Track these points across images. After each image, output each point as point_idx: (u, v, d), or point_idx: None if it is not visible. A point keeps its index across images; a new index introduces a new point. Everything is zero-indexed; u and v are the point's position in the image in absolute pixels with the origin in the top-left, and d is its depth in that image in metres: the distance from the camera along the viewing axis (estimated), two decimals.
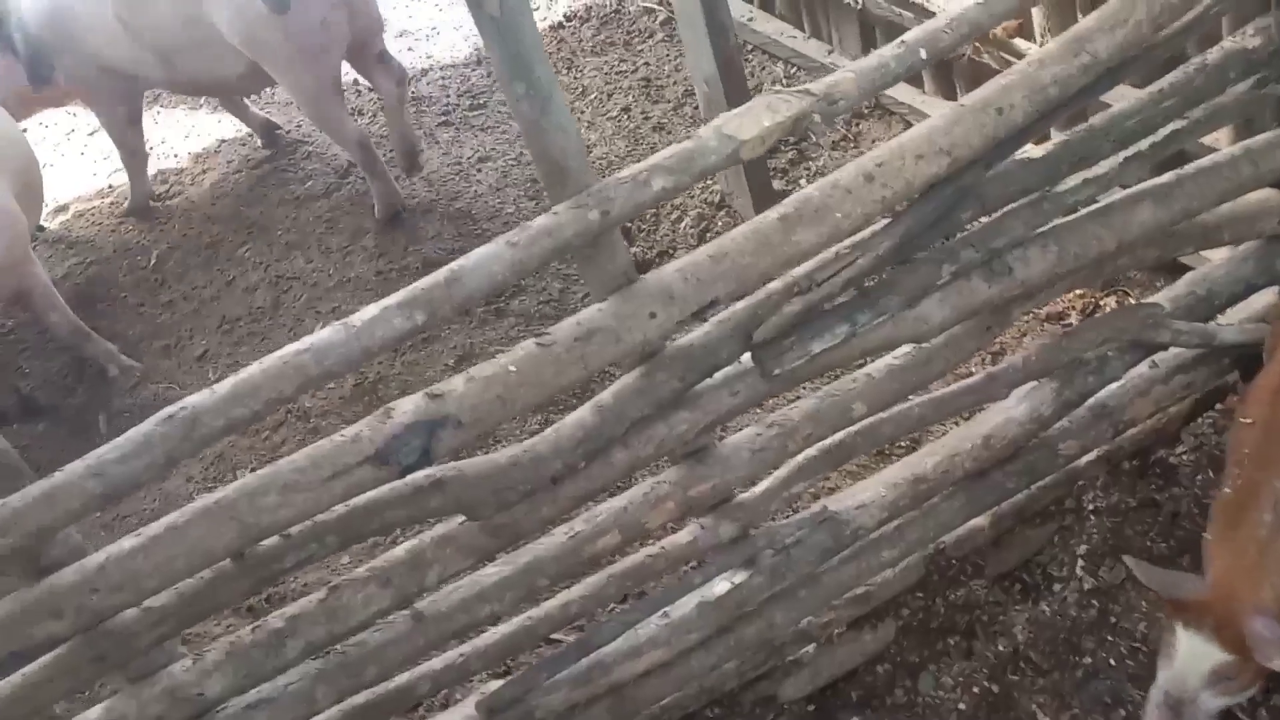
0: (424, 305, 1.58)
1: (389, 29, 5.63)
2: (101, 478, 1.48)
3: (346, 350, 1.56)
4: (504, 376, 1.66)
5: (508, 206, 4.11)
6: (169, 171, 4.99)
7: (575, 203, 1.64)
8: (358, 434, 1.61)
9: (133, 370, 3.85)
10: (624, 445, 1.85)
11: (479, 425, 1.65)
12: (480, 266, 1.60)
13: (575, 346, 1.68)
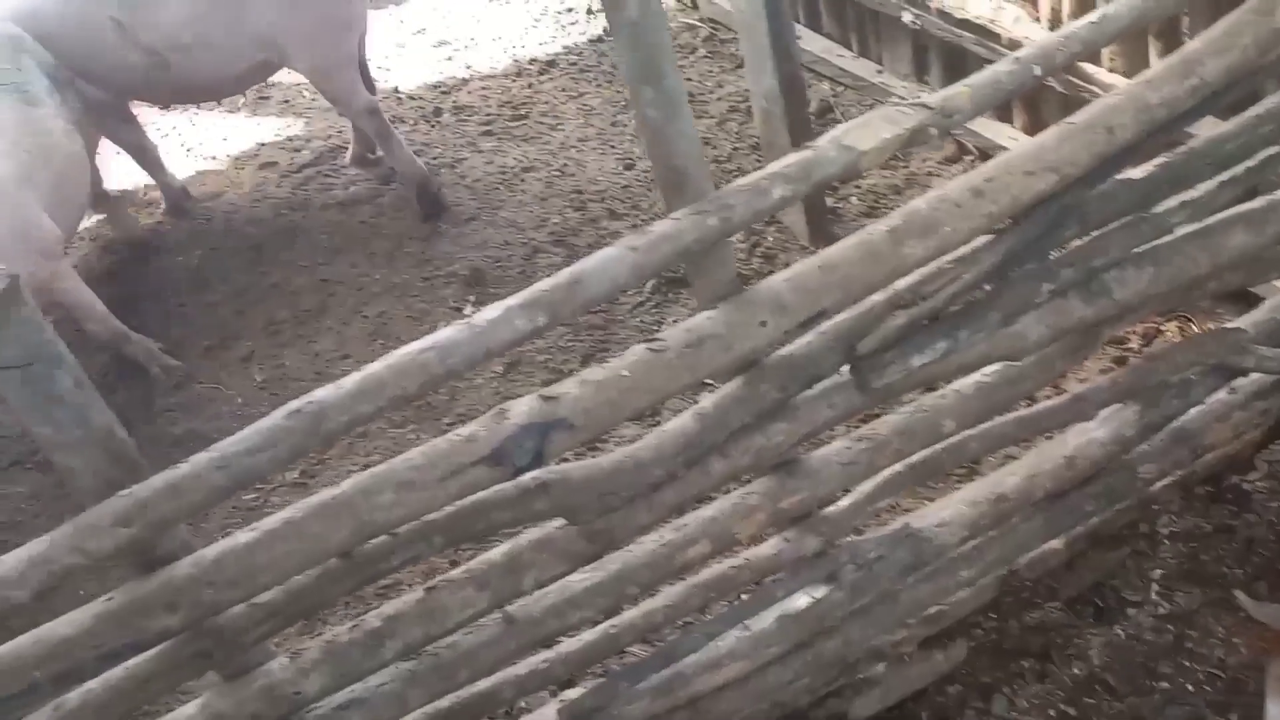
0: (546, 307, 1.58)
1: (427, 38, 5.68)
2: (227, 470, 1.47)
3: (470, 350, 1.55)
4: (616, 381, 1.65)
5: (553, 216, 4.12)
6: (208, 173, 4.99)
7: (696, 209, 1.64)
8: (473, 434, 1.60)
9: (175, 370, 3.83)
10: (722, 454, 1.84)
11: (590, 429, 1.64)
12: (602, 270, 1.60)
13: (686, 353, 1.68)
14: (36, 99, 3.50)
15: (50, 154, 3.47)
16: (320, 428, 1.50)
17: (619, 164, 4.34)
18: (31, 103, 3.47)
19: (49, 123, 3.50)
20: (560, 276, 1.61)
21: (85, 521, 1.43)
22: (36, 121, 3.46)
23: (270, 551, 1.54)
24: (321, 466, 3.37)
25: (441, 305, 3.81)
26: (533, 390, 3.43)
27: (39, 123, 3.47)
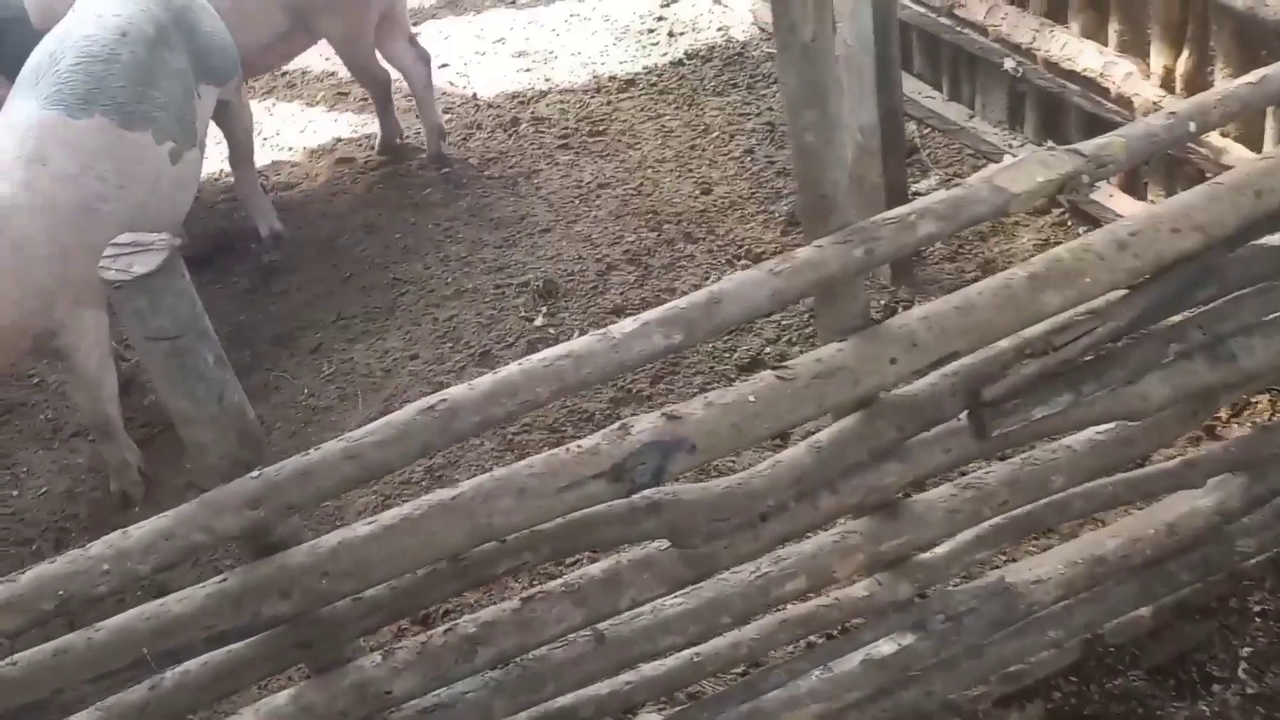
0: (683, 325, 1.56)
1: (506, 48, 5.71)
2: (357, 460, 1.46)
3: (605, 362, 1.53)
4: (742, 405, 1.63)
5: (628, 235, 4.10)
6: (284, 164, 5.01)
7: (841, 238, 1.62)
8: (596, 446, 1.58)
9: (131, 495, 3.38)
10: (832, 490, 1.81)
11: (711, 452, 1.62)
12: (741, 292, 1.58)
13: (814, 384, 1.65)
14: (137, 119, 3.17)
15: (133, 182, 3.14)
16: (451, 426, 1.48)
17: (695, 188, 4.32)
18: (129, 124, 3.14)
19: (142, 148, 3.18)
20: (698, 295, 1.59)
21: (213, 500, 1.41)
22: (128, 145, 3.14)
23: (387, 547, 1.51)
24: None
25: (513, 314, 3.80)
26: (599, 401, 3.46)
27: (130, 147, 3.14)
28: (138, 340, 1.35)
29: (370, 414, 3.51)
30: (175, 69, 3.40)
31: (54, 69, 3.09)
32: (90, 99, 3.08)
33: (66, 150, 3.00)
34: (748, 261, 3.81)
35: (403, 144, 4.82)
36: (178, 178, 3.35)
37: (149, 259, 1.28)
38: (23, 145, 2.94)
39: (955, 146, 4.13)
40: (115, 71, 3.16)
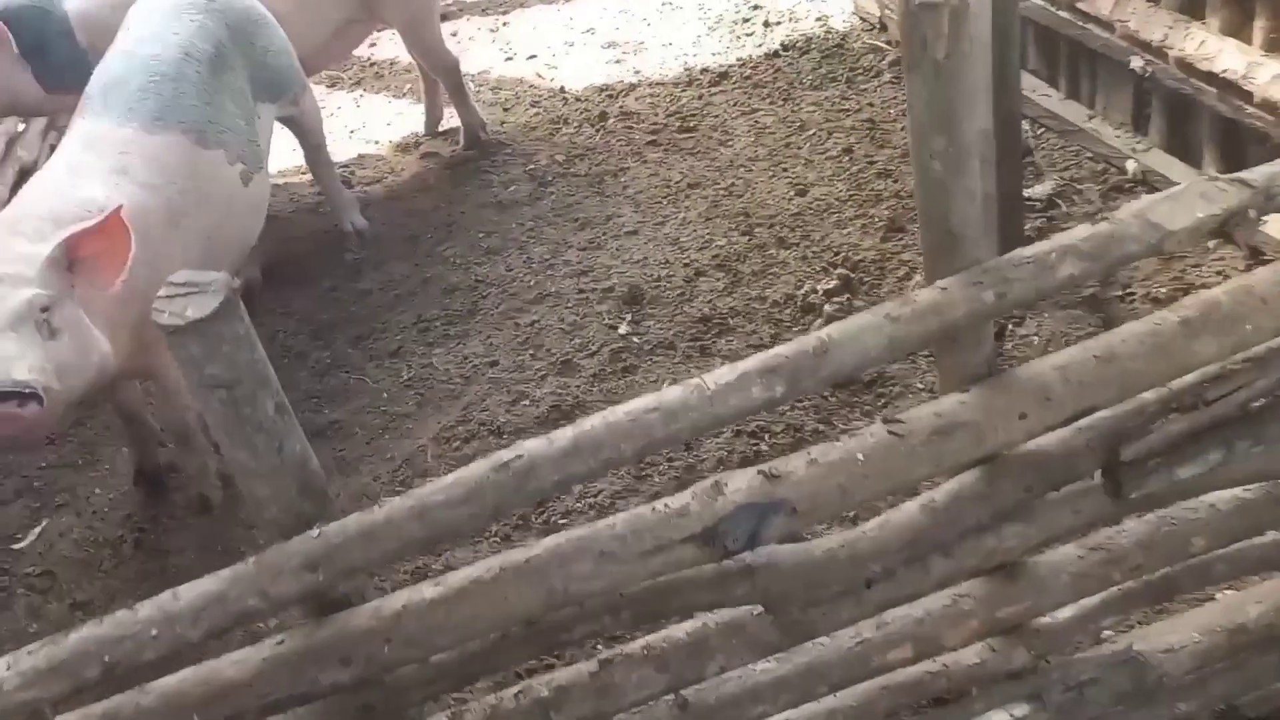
0: (787, 376, 1.39)
1: (596, 38, 5.57)
2: (424, 520, 1.33)
3: (698, 416, 1.38)
4: (849, 464, 1.46)
5: (718, 238, 3.93)
6: (370, 158, 4.96)
7: (969, 279, 1.43)
8: (685, 507, 1.42)
9: (209, 500, 3.33)
10: (945, 553, 1.63)
11: (814, 515, 1.45)
12: (853, 339, 1.40)
13: (932, 441, 1.47)
14: (211, 139, 3.10)
15: (209, 201, 3.07)
16: (527, 485, 1.34)
17: (790, 189, 4.13)
18: (204, 143, 3.07)
19: (217, 168, 3.11)
20: (806, 342, 1.42)
21: (270, 561, 1.30)
22: (204, 164, 3.06)
23: (455, 613, 1.39)
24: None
25: (596, 321, 3.67)
26: None
27: (206, 167, 3.07)
28: (193, 390, 1.24)
29: (447, 422, 3.42)
30: (236, 88, 3.32)
31: (123, 88, 3.03)
32: (164, 115, 3.01)
33: (147, 162, 2.92)
34: (844, 270, 3.61)
35: (486, 138, 4.72)
36: (249, 201, 3.27)
37: (204, 302, 1.17)
38: (102, 158, 2.87)
39: (1073, 149, 3.86)
40: (186, 90, 3.09)
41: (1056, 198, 3.71)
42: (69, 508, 3.49)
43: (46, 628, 3.11)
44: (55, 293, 2.43)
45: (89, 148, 2.91)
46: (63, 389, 2.42)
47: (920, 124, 1.37)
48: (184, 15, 3.28)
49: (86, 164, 2.86)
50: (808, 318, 3.51)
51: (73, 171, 2.84)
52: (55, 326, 2.43)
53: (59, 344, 2.43)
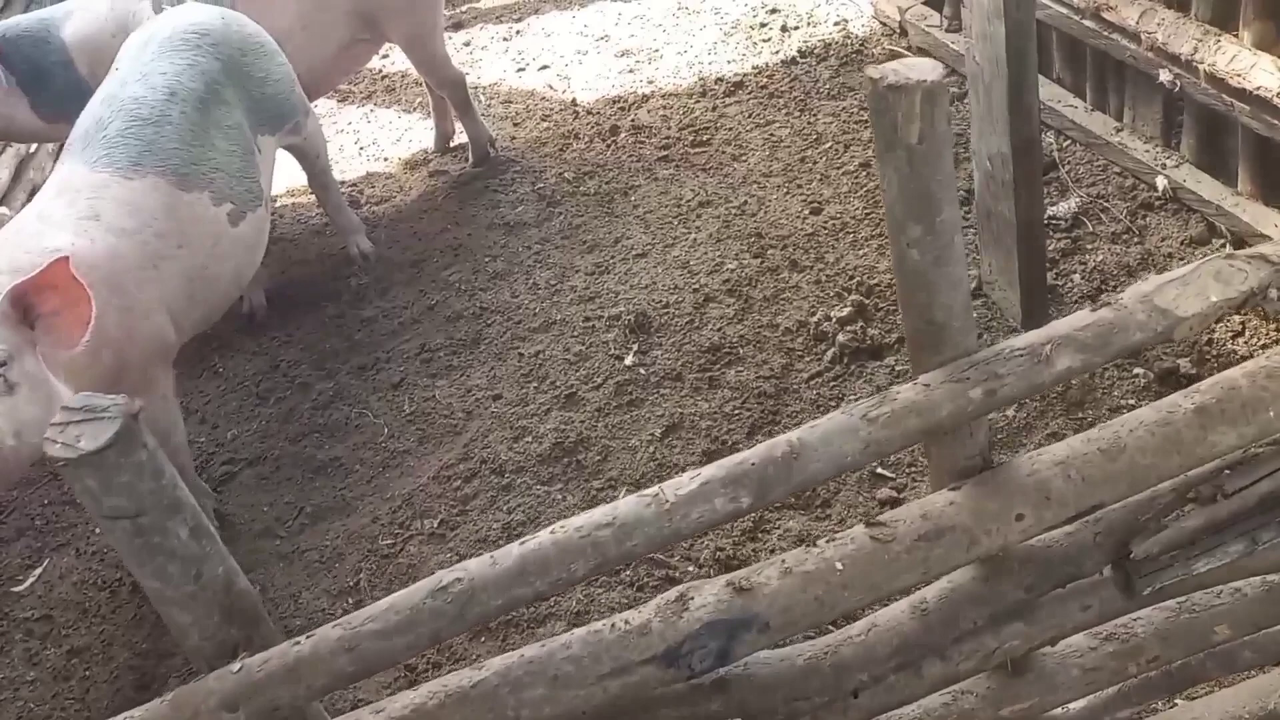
0: (753, 486, 1.27)
1: (610, 46, 5.43)
2: (354, 653, 1.23)
3: (656, 530, 1.26)
4: (827, 574, 1.33)
5: (729, 261, 3.80)
6: (379, 176, 4.87)
7: (952, 374, 1.30)
8: (645, 625, 1.31)
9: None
10: (940, 657, 1.50)
11: (788, 629, 1.33)
12: (826, 442, 1.28)
13: (918, 547, 1.34)
14: (193, 181, 3.01)
15: (191, 243, 2.98)
16: (468, 612, 1.24)
17: (804, 207, 3.98)
18: (185, 185, 2.98)
19: (200, 210, 3.02)
20: (774, 447, 1.29)
21: (184, 699, 1.20)
22: (185, 206, 2.97)
23: None
24: (461, 518, 3.16)
25: (602, 350, 3.55)
26: (691, 459, 3.18)
27: (187, 209, 2.98)
28: (96, 519, 1.14)
29: (449, 460, 3.33)
30: (230, 125, 3.22)
31: (102, 133, 2.95)
32: (142, 160, 2.93)
33: (121, 207, 2.85)
34: (858, 296, 3.47)
35: (495, 154, 4.61)
36: (239, 240, 3.17)
37: (99, 431, 1.07)
38: (74, 204, 2.80)
39: (1099, 163, 3.67)
40: (167, 133, 3.00)
41: (1082, 215, 3.54)
42: (69, 547, 3.46)
43: (43, 675, 3.08)
44: (9, 347, 2.36)
45: (61, 194, 2.84)
46: (19, 445, 2.34)
47: (895, 212, 1.24)
48: (174, 53, 3.19)
49: (57, 212, 2.79)
50: (820, 346, 3.38)
51: (41, 219, 2.77)
52: (12, 381, 2.36)
53: (16, 399, 2.36)
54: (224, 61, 3.30)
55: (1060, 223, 3.48)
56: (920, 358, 1.34)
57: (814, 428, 1.30)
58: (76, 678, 3.04)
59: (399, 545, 3.12)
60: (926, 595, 1.46)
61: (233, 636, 1.26)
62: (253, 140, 3.35)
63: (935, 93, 1.15)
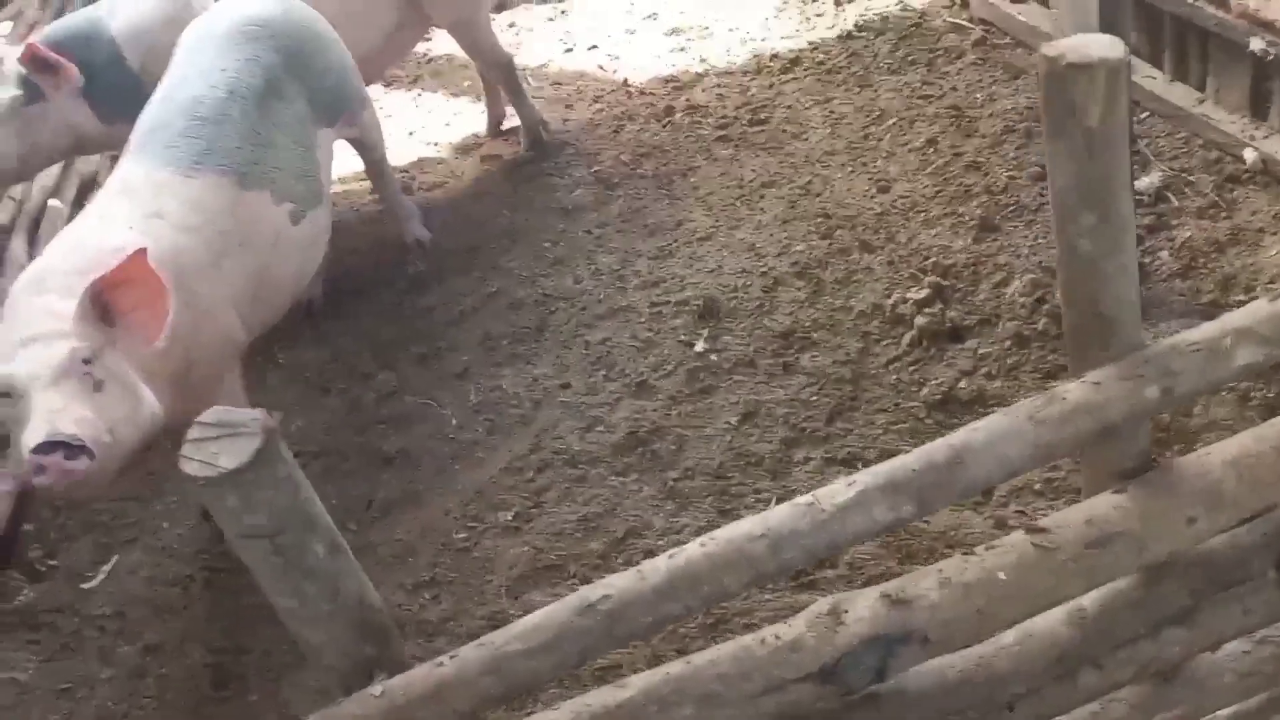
0: (914, 493, 1.20)
1: (658, 24, 5.33)
2: (499, 675, 1.17)
3: (811, 541, 1.19)
4: (989, 584, 1.26)
5: (797, 243, 3.71)
6: (430, 161, 4.80)
7: (1127, 371, 1.22)
8: (798, 640, 1.24)
9: None
10: (1095, 665, 1.42)
11: (948, 644, 1.26)
12: (990, 446, 1.20)
13: (1085, 555, 1.27)
14: (253, 179, 2.94)
15: (253, 242, 2.92)
16: (615, 629, 1.17)
17: (871, 185, 3.88)
18: (245, 184, 2.91)
19: (261, 209, 2.96)
20: (935, 451, 1.22)
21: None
22: (246, 205, 2.91)
23: None
24: (536, 510, 3.11)
25: (671, 337, 3.47)
26: (770, 447, 3.11)
27: (248, 209, 2.92)
28: (232, 539, 1.09)
29: (519, 450, 3.27)
30: (289, 121, 3.15)
31: (163, 132, 2.90)
32: (203, 159, 2.86)
33: (184, 205, 2.78)
34: (935, 277, 3.37)
35: (549, 138, 4.53)
36: (300, 239, 3.11)
37: (239, 448, 1.01)
38: (137, 203, 2.73)
39: (1181, 136, 3.55)
40: (227, 132, 2.93)
41: (1166, 190, 3.42)
42: (137, 543, 3.43)
43: (119, 672, 3.05)
44: (93, 344, 2.32)
45: (124, 194, 2.79)
46: (113, 442, 2.31)
47: (1066, 198, 1.15)
48: (234, 48, 3.12)
49: (119, 211, 2.73)
50: (897, 330, 3.29)
51: (104, 219, 2.73)
52: (99, 379, 2.33)
53: (106, 396, 2.32)
54: (284, 54, 3.21)
55: (1143, 198, 3.36)
56: (1084, 353, 1.26)
57: (976, 430, 1.22)
58: (153, 675, 3.02)
59: (473, 538, 3.07)
60: (1084, 602, 1.38)
61: (366, 654, 1.20)
62: (312, 135, 3.28)
63: (1119, 71, 1.06)
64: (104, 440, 2.29)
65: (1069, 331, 1.29)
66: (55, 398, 2.26)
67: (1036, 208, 3.53)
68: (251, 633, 3.01)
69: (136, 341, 2.36)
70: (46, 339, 2.30)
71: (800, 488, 2.93)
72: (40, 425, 2.22)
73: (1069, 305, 1.26)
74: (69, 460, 2.24)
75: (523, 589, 2.90)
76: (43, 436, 2.21)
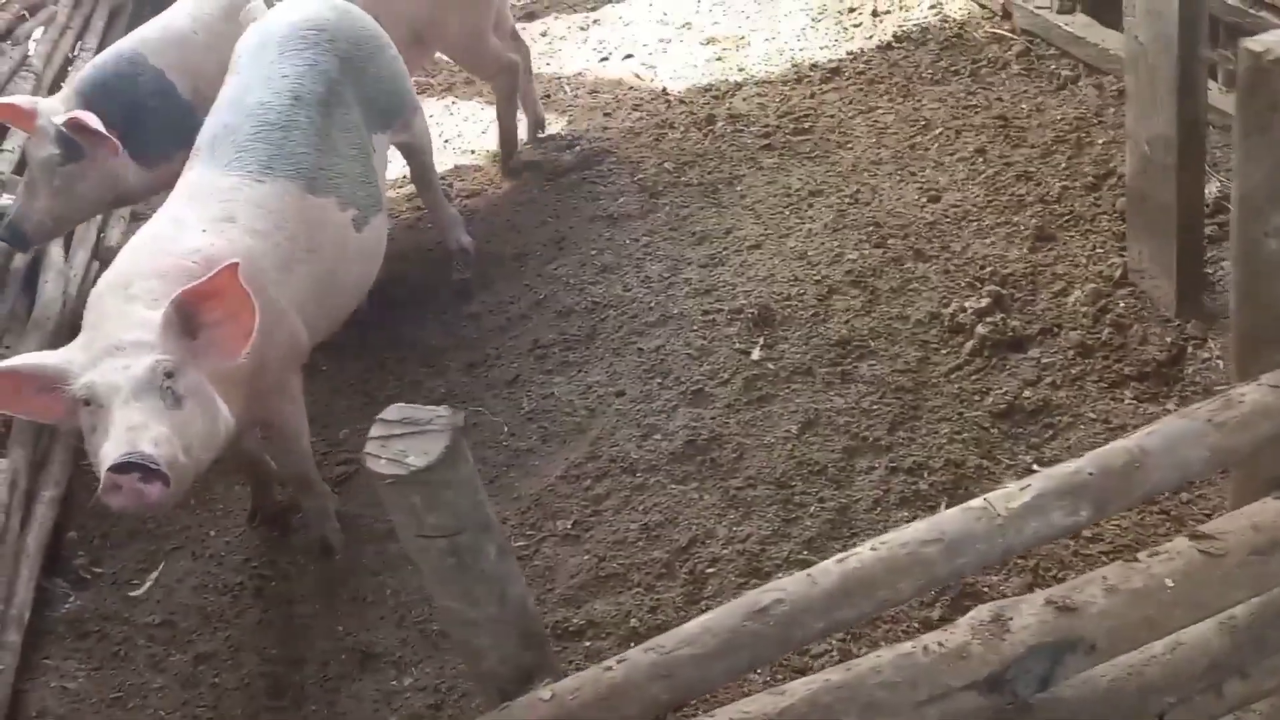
0: (1092, 497, 1.18)
1: (693, 34, 5.33)
2: (670, 680, 1.14)
3: (987, 546, 1.17)
4: (1156, 592, 1.24)
5: (849, 252, 3.69)
6: (467, 168, 4.79)
7: None
8: (963, 648, 1.21)
9: (333, 547, 3.17)
10: (1242, 675, 1.39)
11: (1114, 651, 1.24)
12: (1168, 450, 1.18)
13: (1251, 562, 1.24)
14: (320, 185, 2.93)
15: (320, 248, 2.89)
16: (790, 634, 1.14)
17: (922, 195, 3.87)
18: (313, 189, 2.90)
19: (327, 214, 2.94)
20: (1112, 454, 1.19)
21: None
22: (313, 210, 2.89)
23: None
24: (595, 518, 3.07)
25: (726, 345, 3.45)
26: (833, 456, 3.08)
27: (315, 213, 2.90)
28: (407, 539, 1.06)
29: (575, 458, 3.24)
30: (349, 126, 3.13)
31: (231, 138, 2.88)
32: (272, 164, 2.84)
33: (254, 209, 2.76)
34: (994, 286, 3.35)
35: (514, 163, 4.55)
36: (363, 246, 3.09)
37: (428, 445, 0.99)
38: (207, 207, 2.71)
39: None
40: (295, 138, 2.91)
41: (1225, 201, 3.40)
42: (184, 550, 3.39)
43: (171, 682, 3.01)
44: (176, 359, 2.29)
45: (194, 198, 2.77)
46: (189, 462, 2.27)
47: (1254, 196, 1.14)
48: (295, 53, 3.10)
49: (191, 214, 2.71)
50: (957, 339, 3.27)
51: (176, 223, 2.70)
52: (179, 394, 2.29)
53: (185, 413, 2.28)
54: (342, 59, 3.20)
55: (1204, 207, 3.35)
56: (1255, 356, 1.24)
57: (1152, 434, 1.20)
58: (205, 684, 2.97)
59: (533, 547, 3.03)
60: (1235, 611, 1.36)
61: (526, 661, 1.17)
62: (369, 141, 3.26)
63: None
64: (180, 461, 2.24)
65: (1240, 333, 1.27)
66: (135, 413, 2.21)
67: (1092, 217, 3.52)
68: (307, 643, 2.97)
69: (218, 355, 2.32)
70: (130, 349, 2.25)
71: (864, 497, 2.91)
72: (119, 442, 2.17)
73: (1243, 306, 1.24)
74: (144, 483, 2.19)
75: (585, 598, 2.87)
76: (121, 455, 2.16)
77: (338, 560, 3.19)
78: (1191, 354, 2.98)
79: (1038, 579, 2.51)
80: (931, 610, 2.53)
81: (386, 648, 2.87)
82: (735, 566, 2.82)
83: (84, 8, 5.43)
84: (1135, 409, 2.90)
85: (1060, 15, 4.23)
